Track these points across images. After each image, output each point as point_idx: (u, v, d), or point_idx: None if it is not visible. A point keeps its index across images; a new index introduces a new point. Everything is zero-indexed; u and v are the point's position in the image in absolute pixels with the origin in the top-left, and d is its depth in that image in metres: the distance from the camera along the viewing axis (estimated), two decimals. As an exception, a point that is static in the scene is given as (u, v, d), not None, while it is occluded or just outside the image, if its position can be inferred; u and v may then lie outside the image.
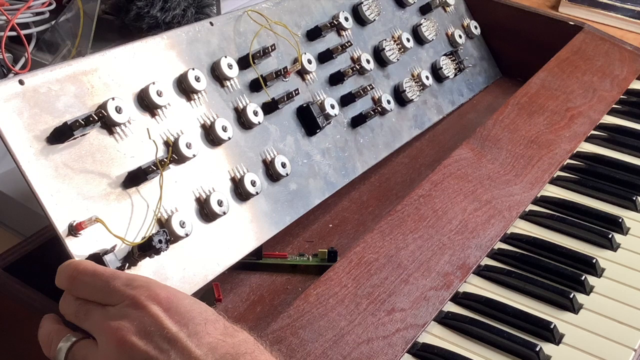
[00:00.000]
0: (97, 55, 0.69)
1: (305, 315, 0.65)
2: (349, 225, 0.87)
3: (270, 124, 0.81)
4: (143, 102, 0.70)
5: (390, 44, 0.97)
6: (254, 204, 0.76)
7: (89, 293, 0.57)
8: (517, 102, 0.96)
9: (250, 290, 0.77)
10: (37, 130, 0.63)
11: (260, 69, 0.81)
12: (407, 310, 0.68)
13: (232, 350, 0.53)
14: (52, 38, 1.05)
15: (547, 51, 1.07)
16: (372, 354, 0.64)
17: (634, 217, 0.85)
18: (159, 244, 0.64)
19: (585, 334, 0.70)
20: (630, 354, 0.68)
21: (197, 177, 0.72)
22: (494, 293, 0.73)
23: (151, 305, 0.54)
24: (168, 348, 0.52)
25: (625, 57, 1.10)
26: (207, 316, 0.55)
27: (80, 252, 0.61)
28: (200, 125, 0.74)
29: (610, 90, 1.03)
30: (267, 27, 0.83)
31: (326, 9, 0.93)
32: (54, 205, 0.61)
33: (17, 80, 0.63)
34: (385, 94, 0.95)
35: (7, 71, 0.99)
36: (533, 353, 0.66)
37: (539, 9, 1.21)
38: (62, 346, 0.56)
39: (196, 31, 0.78)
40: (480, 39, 1.17)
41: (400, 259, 0.72)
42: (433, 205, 0.78)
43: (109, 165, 0.66)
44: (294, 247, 0.83)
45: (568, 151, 0.91)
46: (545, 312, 0.72)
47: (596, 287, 0.75)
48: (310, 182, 0.83)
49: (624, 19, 1.39)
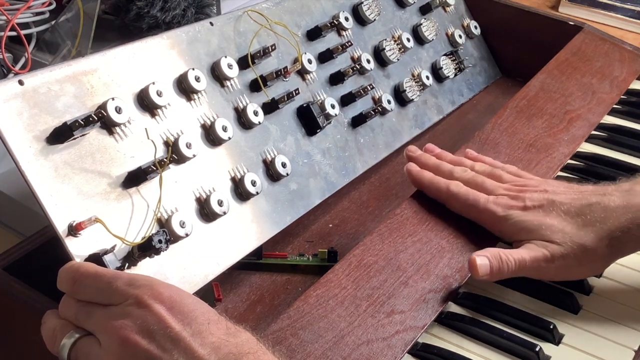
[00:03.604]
0: (97, 55, 0.69)
1: (305, 317, 0.65)
2: (349, 225, 0.87)
3: (271, 124, 0.81)
4: (143, 102, 0.70)
5: (390, 44, 0.97)
6: (254, 204, 0.76)
7: (91, 295, 0.57)
8: (516, 105, 0.96)
9: (250, 290, 0.77)
10: (37, 130, 0.63)
11: (261, 69, 0.81)
12: (406, 312, 0.68)
13: (235, 350, 0.53)
14: (52, 38, 1.05)
15: (547, 51, 1.07)
16: (371, 355, 0.64)
17: (634, 218, 0.85)
18: (159, 244, 0.64)
19: (585, 334, 0.70)
20: (631, 354, 0.68)
21: (197, 177, 0.72)
22: (494, 293, 0.73)
23: (154, 304, 0.54)
24: (171, 347, 0.52)
25: (625, 58, 1.10)
26: (210, 316, 0.55)
27: (80, 252, 0.61)
28: (200, 125, 0.74)
29: (609, 92, 1.03)
30: (267, 27, 0.83)
31: (326, 9, 0.93)
32: (54, 205, 0.61)
33: (17, 81, 0.63)
34: (386, 93, 0.95)
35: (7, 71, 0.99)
36: (533, 353, 0.66)
37: (539, 9, 1.21)
38: (66, 342, 0.56)
39: (196, 31, 0.78)
40: (480, 39, 1.17)
41: (400, 261, 0.72)
42: (432, 209, 0.78)
43: (108, 165, 0.66)
44: (294, 247, 0.83)
45: (566, 155, 0.91)
46: (545, 312, 0.72)
47: (596, 287, 0.75)
48: (310, 182, 0.83)
49: (624, 19, 1.39)
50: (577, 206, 0.72)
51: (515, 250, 0.71)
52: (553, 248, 0.70)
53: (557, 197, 0.73)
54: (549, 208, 0.73)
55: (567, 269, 0.71)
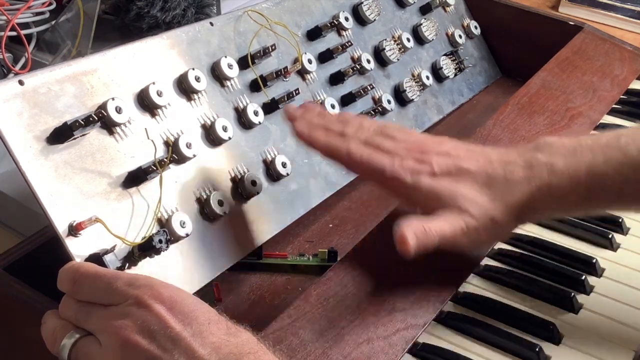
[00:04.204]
0: (97, 55, 0.69)
1: (305, 315, 0.65)
2: (349, 225, 0.87)
3: (271, 124, 0.81)
4: (143, 102, 0.70)
5: (390, 44, 0.97)
6: (255, 204, 0.76)
7: (91, 295, 0.57)
8: (517, 102, 0.96)
9: (250, 290, 0.77)
10: (37, 130, 0.63)
11: (261, 69, 0.81)
12: (407, 310, 0.68)
13: (236, 350, 0.53)
14: (52, 38, 1.05)
15: (547, 51, 1.07)
16: (372, 353, 0.63)
17: (634, 217, 0.85)
18: (159, 243, 0.64)
19: (585, 334, 0.70)
20: (631, 354, 0.68)
21: (197, 177, 0.72)
22: (494, 293, 0.73)
23: (154, 304, 0.54)
24: (172, 347, 0.52)
25: (625, 57, 1.10)
26: (211, 316, 0.55)
27: (80, 252, 0.61)
28: (200, 125, 0.74)
29: (610, 90, 1.03)
30: (267, 27, 0.83)
31: (326, 9, 0.93)
32: (54, 205, 0.61)
33: (17, 81, 0.63)
34: (386, 93, 0.95)
35: (7, 71, 0.99)
36: (533, 353, 0.66)
37: (539, 9, 1.21)
38: (66, 343, 0.56)
39: (196, 31, 0.78)
40: (480, 39, 1.17)
41: (401, 259, 0.72)
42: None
43: (109, 165, 0.66)
44: (294, 247, 0.83)
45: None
46: (545, 312, 0.72)
47: (596, 287, 0.75)
48: (310, 181, 0.83)
49: (624, 19, 1.39)
50: (484, 176, 0.70)
51: (435, 221, 0.68)
52: (469, 221, 0.68)
53: (464, 163, 0.71)
54: (457, 175, 0.70)
55: (478, 241, 0.70)
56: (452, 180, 0.70)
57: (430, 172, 0.70)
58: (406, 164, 0.71)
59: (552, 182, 0.68)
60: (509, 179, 0.69)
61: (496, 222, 0.69)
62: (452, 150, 0.72)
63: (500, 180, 0.69)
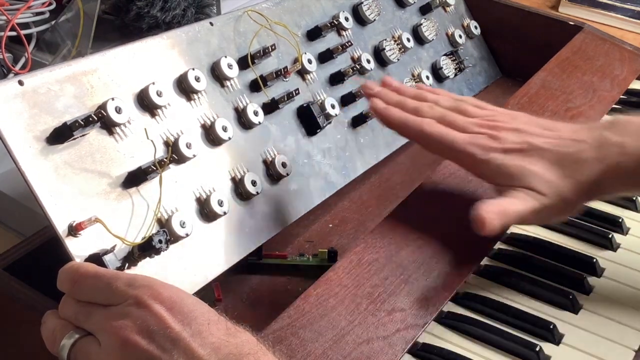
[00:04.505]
0: (97, 55, 0.69)
1: (305, 315, 0.65)
2: (349, 225, 0.87)
3: (271, 124, 0.81)
4: (143, 102, 0.70)
5: (390, 44, 0.97)
6: (255, 203, 0.76)
7: (90, 295, 0.57)
8: (517, 102, 0.96)
9: (250, 291, 0.77)
10: (37, 130, 0.63)
11: (261, 69, 0.81)
12: (407, 310, 0.68)
13: (235, 351, 0.53)
14: (52, 38, 1.06)
15: (547, 51, 1.07)
16: (372, 354, 0.64)
17: (634, 217, 0.85)
18: (159, 244, 0.64)
19: (585, 334, 0.70)
20: (631, 354, 0.68)
21: (197, 177, 0.72)
22: (494, 293, 0.73)
23: (154, 305, 0.54)
24: (171, 347, 0.52)
25: (625, 57, 1.10)
26: (210, 317, 0.55)
27: (80, 252, 0.61)
28: (200, 125, 0.74)
29: (610, 90, 1.03)
30: (267, 27, 0.83)
31: (326, 9, 0.93)
32: (54, 205, 0.61)
33: (17, 81, 0.63)
34: (386, 94, 0.95)
35: (7, 71, 0.99)
36: (533, 353, 0.66)
37: (539, 9, 1.21)
38: (66, 343, 0.56)
39: (196, 31, 0.78)
40: (480, 39, 1.17)
41: (401, 259, 0.72)
42: (434, 206, 0.78)
43: (108, 165, 0.66)
44: (294, 247, 0.83)
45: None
46: (545, 312, 0.72)
47: (596, 287, 0.75)
48: (310, 182, 0.83)
49: (624, 19, 1.39)
50: (554, 154, 0.71)
51: (510, 202, 0.70)
52: (542, 200, 0.70)
53: (535, 140, 0.72)
54: (528, 152, 0.71)
55: (547, 218, 0.73)
56: (523, 157, 0.71)
57: (501, 148, 0.72)
58: (477, 140, 0.73)
59: (621, 162, 0.70)
60: (579, 157, 0.71)
61: (566, 200, 0.70)
62: (523, 126, 0.74)
63: (570, 158, 0.71)
